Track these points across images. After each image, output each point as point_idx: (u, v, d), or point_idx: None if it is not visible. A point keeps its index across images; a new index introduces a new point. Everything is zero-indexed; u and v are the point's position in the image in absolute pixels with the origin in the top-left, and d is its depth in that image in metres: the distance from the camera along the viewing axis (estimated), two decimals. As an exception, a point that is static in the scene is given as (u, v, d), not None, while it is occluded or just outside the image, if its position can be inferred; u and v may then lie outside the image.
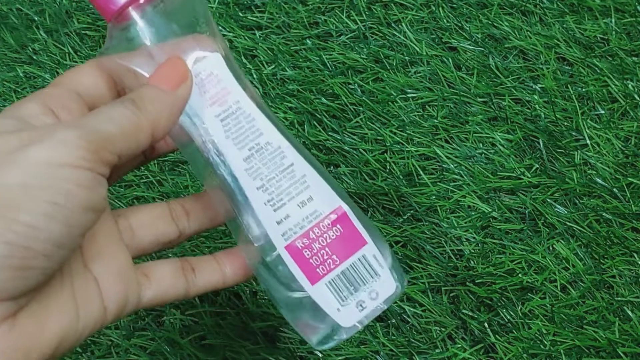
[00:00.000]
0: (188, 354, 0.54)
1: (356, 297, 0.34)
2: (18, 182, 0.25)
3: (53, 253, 0.26)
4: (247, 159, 0.33)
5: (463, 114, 0.62)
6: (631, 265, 0.55)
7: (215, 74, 0.33)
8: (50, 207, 0.25)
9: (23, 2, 0.72)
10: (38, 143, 0.26)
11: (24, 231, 0.25)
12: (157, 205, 0.36)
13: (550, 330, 0.53)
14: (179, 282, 0.35)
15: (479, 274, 0.55)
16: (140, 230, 0.35)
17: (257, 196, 0.33)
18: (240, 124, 0.33)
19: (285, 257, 0.33)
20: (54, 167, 0.26)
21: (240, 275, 0.36)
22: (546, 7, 0.67)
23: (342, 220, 0.34)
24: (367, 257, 0.34)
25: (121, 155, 0.28)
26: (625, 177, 0.58)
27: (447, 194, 0.59)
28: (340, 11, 0.69)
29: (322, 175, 0.35)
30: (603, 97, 0.63)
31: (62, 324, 0.29)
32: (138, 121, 0.29)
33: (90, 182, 0.27)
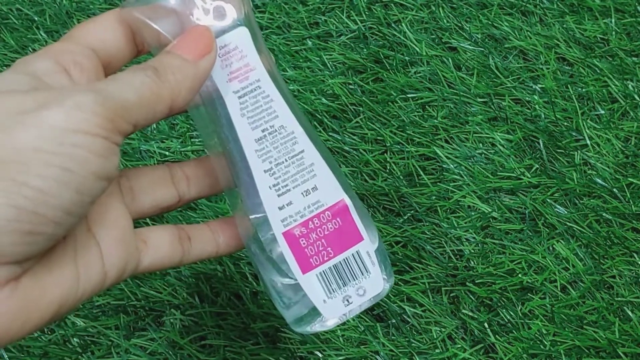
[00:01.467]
0: (188, 354, 0.54)
1: (344, 291, 0.34)
2: (31, 146, 0.25)
3: (62, 220, 0.26)
4: (259, 140, 0.33)
5: (463, 114, 0.62)
6: (631, 265, 0.55)
7: (240, 48, 0.33)
8: (62, 173, 0.25)
9: (23, 3, 0.72)
10: (54, 106, 0.25)
11: (34, 196, 0.24)
12: (158, 167, 0.36)
13: (550, 330, 0.53)
14: (176, 250, 0.34)
15: (479, 274, 0.55)
16: (141, 194, 0.35)
17: (264, 179, 0.33)
18: (257, 103, 0.33)
19: (281, 243, 0.33)
20: (69, 132, 0.25)
21: (233, 245, 0.36)
22: (546, 7, 0.68)
23: (343, 213, 0.34)
24: (360, 254, 0.34)
25: (137, 125, 0.28)
26: (625, 177, 0.58)
27: (447, 194, 0.59)
28: (340, 11, 0.69)
29: (330, 166, 0.34)
30: (603, 97, 0.63)
31: (63, 288, 0.29)
32: (158, 91, 0.28)
33: (104, 150, 0.26)
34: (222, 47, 0.32)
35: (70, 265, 0.29)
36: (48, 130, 0.25)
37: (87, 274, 0.30)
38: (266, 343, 0.54)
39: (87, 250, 0.30)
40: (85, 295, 0.30)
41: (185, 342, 0.54)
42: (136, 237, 0.33)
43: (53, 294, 0.28)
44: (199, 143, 0.63)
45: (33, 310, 0.27)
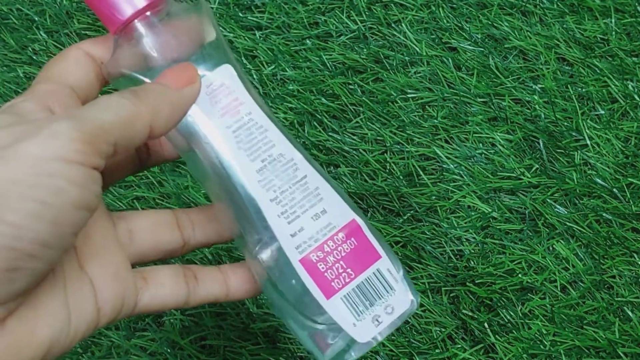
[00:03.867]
0: (188, 355, 0.54)
1: (372, 311, 0.33)
2: (8, 178, 0.24)
3: (41, 253, 0.25)
4: (260, 171, 0.33)
5: (463, 114, 0.62)
6: (631, 265, 0.55)
7: (226, 84, 0.33)
8: (37, 206, 0.24)
9: (23, 3, 0.72)
10: (30, 137, 0.25)
11: (9, 231, 0.24)
12: (162, 211, 0.35)
13: (550, 330, 0.53)
14: (180, 288, 0.33)
15: (479, 274, 0.55)
16: (139, 234, 0.34)
17: (271, 208, 0.32)
18: (252, 135, 0.33)
19: (299, 271, 0.32)
20: (45, 161, 0.24)
21: (245, 290, 0.35)
22: (546, 7, 0.67)
23: (356, 233, 0.34)
24: (381, 271, 0.33)
25: (117, 145, 0.27)
26: (625, 178, 0.58)
27: (447, 194, 0.59)
28: (340, 11, 0.69)
29: (334, 189, 0.34)
30: (603, 97, 0.63)
31: (53, 328, 0.28)
32: (136, 109, 0.28)
33: (82, 179, 0.25)
34: (208, 85, 0.32)
35: (60, 304, 0.28)
36: (24, 161, 0.24)
37: (79, 311, 0.29)
38: (266, 343, 0.54)
39: (79, 288, 0.29)
40: (78, 335, 0.29)
41: (185, 343, 0.54)
42: (136, 275, 0.33)
43: (42, 335, 0.27)
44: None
45: (21, 353, 0.26)
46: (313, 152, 0.61)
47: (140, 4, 0.31)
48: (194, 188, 0.60)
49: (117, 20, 0.31)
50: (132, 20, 0.31)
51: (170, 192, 0.60)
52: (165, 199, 0.60)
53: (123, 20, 0.31)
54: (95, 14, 0.32)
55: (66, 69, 0.32)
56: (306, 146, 0.62)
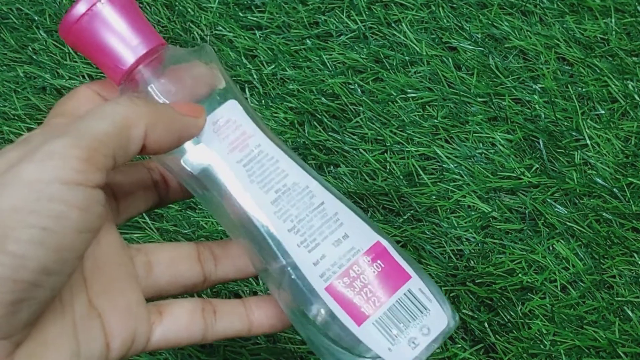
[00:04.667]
0: (189, 354, 0.54)
1: (407, 334, 0.32)
2: (7, 207, 0.23)
3: (44, 282, 0.24)
4: (275, 202, 0.32)
5: (463, 114, 0.62)
6: (631, 265, 0.55)
7: (233, 119, 0.32)
8: (38, 233, 0.23)
9: (23, 2, 0.72)
10: (26, 160, 0.24)
11: (11, 262, 0.23)
12: (183, 244, 0.34)
13: (550, 330, 0.53)
14: (196, 324, 0.32)
15: (479, 274, 0.55)
16: (158, 268, 0.33)
17: (290, 238, 0.32)
18: (264, 167, 0.32)
19: (326, 300, 0.31)
20: (44, 184, 0.24)
21: (270, 325, 0.34)
22: (546, 7, 0.67)
23: (382, 255, 0.33)
24: (413, 292, 0.32)
25: (116, 156, 0.26)
26: (625, 177, 0.58)
27: (447, 194, 0.59)
28: (340, 11, 0.69)
29: (354, 212, 0.33)
30: (603, 97, 0.63)
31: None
32: (131, 114, 0.27)
33: (84, 201, 0.24)
34: (215, 122, 0.32)
35: (69, 340, 0.28)
36: (22, 186, 0.24)
37: (88, 348, 0.28)
38: (266, 343, 0.54)
39: (88, 324, 0.29)
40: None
41: (185, 342, 0.54)
42: (151, 309, 0.32)
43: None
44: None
45: None
46: (313, 152, 0.61)
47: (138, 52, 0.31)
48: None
49: (119, 70, 0.30)
50: (134, 69, 0.31)
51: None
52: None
53: (125, 69, 0.30)
54: (97, 66, 0.31)
55: (78, 105, 0.31)
56: (306, 146, 0.62)
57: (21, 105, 0.66)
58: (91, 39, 0.30)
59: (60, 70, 0.67)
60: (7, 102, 0.66)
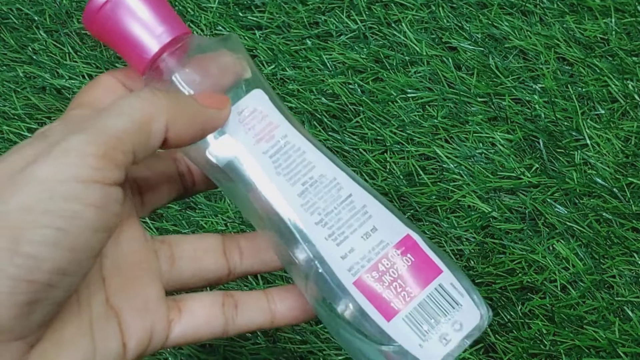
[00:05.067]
0: (188, 354, 0.54)
1: (438, 330, 0.30)
2: (21, 207, 0.23)
3: (58, 282, 0.24)
4: (302, 194, 0.31)
5: (463, 114, 0.62)
6: (631, 265, 0.55)
7: (259, 109, 0.31)
8: (53, 233, 0.23)
9: (23, 2, 0.72)
10: (41, 158, 0.23)
11: (26, 263, 0.22)
12: (208, 237, 0.33)
13: (550, 330, 0.53)
14: (216, 319, 0.32)
15: (479, 274, 0.55)
16: (182, 262, 0.32)
17: (317, 232, 0.31)
18: (290, 158, 0.31)
19: (354, 294, 0.30)
20: (59, 183, 0.23)
21: (293, 317, 0.33)
22: (546, 7, 0.67)
23: (412, 248, 0.32)
24: (444, 286, 0.31)
25: (136, 152, 0.25)
26: (625, 177, 0.58)
27: (447, 193, 0.59)
28: (340, 11, 0.69)
29: (383, 204, 0.32)
30: (603, 97, 0.63)
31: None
32: (151, 109, 0.26)
33: (100, 199, 0.24)
34: (241, 112, 0.31)
35: (85, 339, 0.27)
36: (37, 185, 0.23)
37: (104, 349, 0.28)
38: (266, 343, 0.54)
39: (104, 322, 0.28)
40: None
41: (185, 342, 0.54)
42: (170, 304, 0.31)
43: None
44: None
45: None
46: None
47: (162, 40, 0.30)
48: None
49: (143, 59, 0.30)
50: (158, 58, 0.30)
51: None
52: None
53: (149, 59, 0.30)
54: (121, 57, 0.31)
55: (99, 96, 0.31)
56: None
57: (21, 105, 0.66)
58: (114, 27, 0.30)
59: (60, 70, 0.67)
60: (7, 102, 0.66)
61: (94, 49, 0.69)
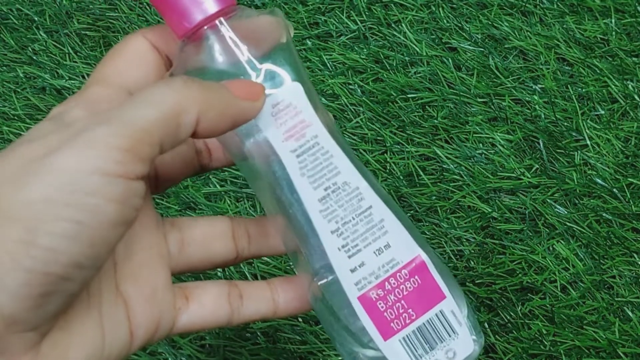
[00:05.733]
0: (188, 355, 0.54)
1: (432, 355, 0.31)
2: (41, 197, 0.22)
3: (75, 275, 0.23)
4: (323, 200, 0.31)
5: (463, 114, 0.62)
6: (631, 265, 0.55)
7: (294, 105, 0.30)
8: (71, 227, 0.22)
9: (23, 3, 0.72)
10: (64, 148, 0.23)
11: (43, 256, 0.22)
12: (218, 220, 0.33)
13: (550, 330, 0.53)
14: (222, 309, 0.31)
15: (479, 274, 0.55)
16: (191, 246, 0.32)
17: (331, 240, 0.31)
18: (317, 160, 0.31)
19: (357, 309, 0.30)
20: (82, 175, 0.22)
21: (295, 307, 0.33)
22: (546, 7, 0.68)
23: (421, 270, 0.31)
24: (445, 313, 0.31)
25: (163, 145, 0.25)
26: (625, 178, 0.58)
27: (447, 194, 0.59)
28: (340, 11, 0.69)
29: (400, 220, 0.32)
30: (603, 97, 0.63)
31: (87, 354, 0.26)
32: (182, 101, 0.25)
33: (122, 194, 0.23)
34: (275, 104, 0.30)
35: (95, 327, 0.27)
36: (59, 176, 0.22)
37: (112, 336, 0.27)
38: (266, 343, 0.54)
39: (113, 310, 0.28)
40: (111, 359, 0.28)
41: (185, 342, 0.54)
42: (178, 293, 0.31)
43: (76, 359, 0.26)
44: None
45: None
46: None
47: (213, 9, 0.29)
48: (194, 187, 0.60)
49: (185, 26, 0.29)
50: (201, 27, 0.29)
51: (170, 192, 0.60)
52: (165, 197, 0.60)
53: (192, 27, 0.29)
54: (162, 16, 0.30)
55: (124, 68, 0.29)
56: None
57: (21, 105, 0.66)
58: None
59: (60, 71, 0.67)
60: (7, 102, 0.66)
61: (93, 49, 0.69)
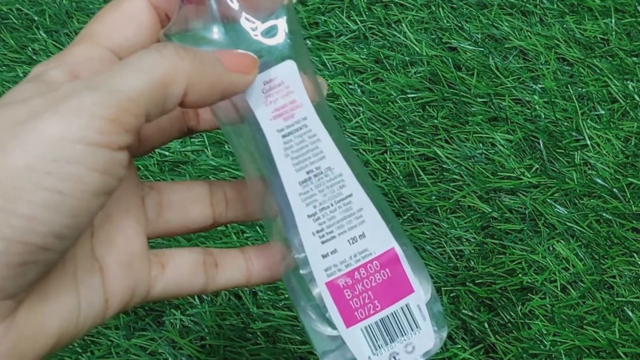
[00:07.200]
0: (188, 355, 0.54)
1: (391, 347, 0.31)
2: (22, 164, 0.22)
3: (54, 246, 0.23)
4: (303, 183, 0.30)
5: (463, 114, 0.62)
6: (631, 265, 0.55)
7: (286, 84, 0.30)
8: (53, 196, 0.22)
9: (23, 3, 0.72)
10: (49, 114, 0.22)
11: (22, 225, 0.22)
12: (196, 185, 0.32)
13: (550, 330, 0.53)
14: (197, 277, 0.31)
15: (479, 274, 0.55)
16: (169, 211, 0.31)
17: (307, 224, 0.30)
18: (303, 143, 0.30)
19: (324, 293, 0.31)
20: (64, 143, 0.22)
21: (268, 276, 0.33)
22: (546, 7, 0.68)
23: (392, 263, 0.31)
24: (410, 307, 0.32)
25: (149, 115, 0.24)
26: (625, 177, 0.58)
27: (447, 194, 0.59)
28: (340, 11, 0.69)
29: (380, 211, 0.32)
30: (603, 97, 0.63)
31: (63, 318, 0.26)
32: (172, 71, 0.24)
33: (106, 164, 0.23)
34: (267, 82, 0.30)
35: (70, 293, 0.27)
36: (41, 143, 0.22)
37: (88, 302, 0.27)
38: (266, 343, 0.54)
39: (89, 276, 0.28)
40: (86, 325, 0.27)
41: (185, 343, 0.54)
42: (154, 260, 0.30)
43: (51, 326, 0.26)
44: (199, 144, 0.63)
45: (30, 346, 0.25)
46: (313, 152, 0.61)
47: None
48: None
49: None
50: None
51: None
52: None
53: None
54: None
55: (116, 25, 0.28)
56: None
57: (21, 105, 0.66)
58: None
59: (60, 71, 0.67)
60: (7, 102, 0.66)
61: (94, 49, 0.69)
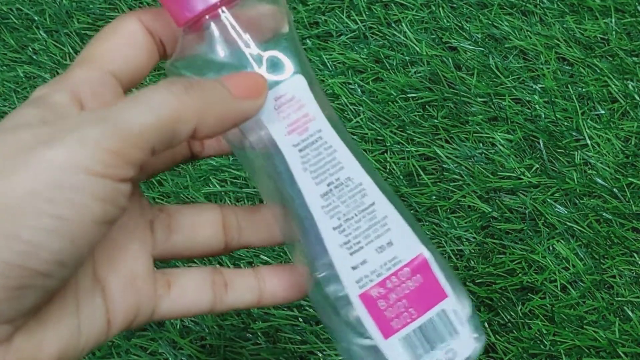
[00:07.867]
0: (189, 355, 0.54)
1: (432, 356, 0.30)
2: (27, 189, 0.22)
3: (54, 272, 0.23)
4: (325, 196, 0.30)
5: (463, 114, 0.62)
6: (631, 265, 0.55)
7: (297, 98, 0.30)
8: (55, 222, 0.22)
9: (23, 2, 0.72)
10: (55, 143, 0.23)
11: (23, 249, 0.22)
12: (208, 208, 0.32)
13: (550, 330, 0.53)
14: (205, 296, 0.31)
15: (479, 274, 0.55)
16: (179, 234, 0.31)
17: (333, 237, 0.30)
18: (320, 155, 0.30)
19: (357, 306, 0.30)
20: (68, 172, 0.22)
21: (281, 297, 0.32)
22: (546, 7, 0.68)
23: (423, 269, 0.31)
24: (447, 312, 0.31)
25: (155, 150, 0.24)
26: (625, 177, 0.58)
27: (447, 194, 0.59)
28: (340, 11, 0.69)
29: (404, 217, 0.31)
30: (603, 97, 0.63)
31: (62, 342, 0.26)
32: (182, 108, 0.24)
33: (108, 193, 0.23)
34: (278, 98, 0.29)
35: (71, 315, 0.26)
36: (46, 170, 0.22)
37: (89, 324, 0.27)
38: (266, 343, 0.54)
39: (90, 296, 0.27)
40: (88, 346, 0.27)
41: (185, 343, 0.54)
42: (160, 279, 0.30)
43: (50, 350, 0.25)
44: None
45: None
46: (313, 152, 0.61)
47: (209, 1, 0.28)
48: (194, 187, 0.60)
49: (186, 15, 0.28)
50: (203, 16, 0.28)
51: (170, 191, 0.60)
52: (165, 197, 0.60)
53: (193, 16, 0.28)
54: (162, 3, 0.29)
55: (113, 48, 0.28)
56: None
57: (21, 105, 0.66)
58: None
59: (60, 70, 0.67)
60: (7, 102, 0.66)
61: (94, 49, 0.69)
